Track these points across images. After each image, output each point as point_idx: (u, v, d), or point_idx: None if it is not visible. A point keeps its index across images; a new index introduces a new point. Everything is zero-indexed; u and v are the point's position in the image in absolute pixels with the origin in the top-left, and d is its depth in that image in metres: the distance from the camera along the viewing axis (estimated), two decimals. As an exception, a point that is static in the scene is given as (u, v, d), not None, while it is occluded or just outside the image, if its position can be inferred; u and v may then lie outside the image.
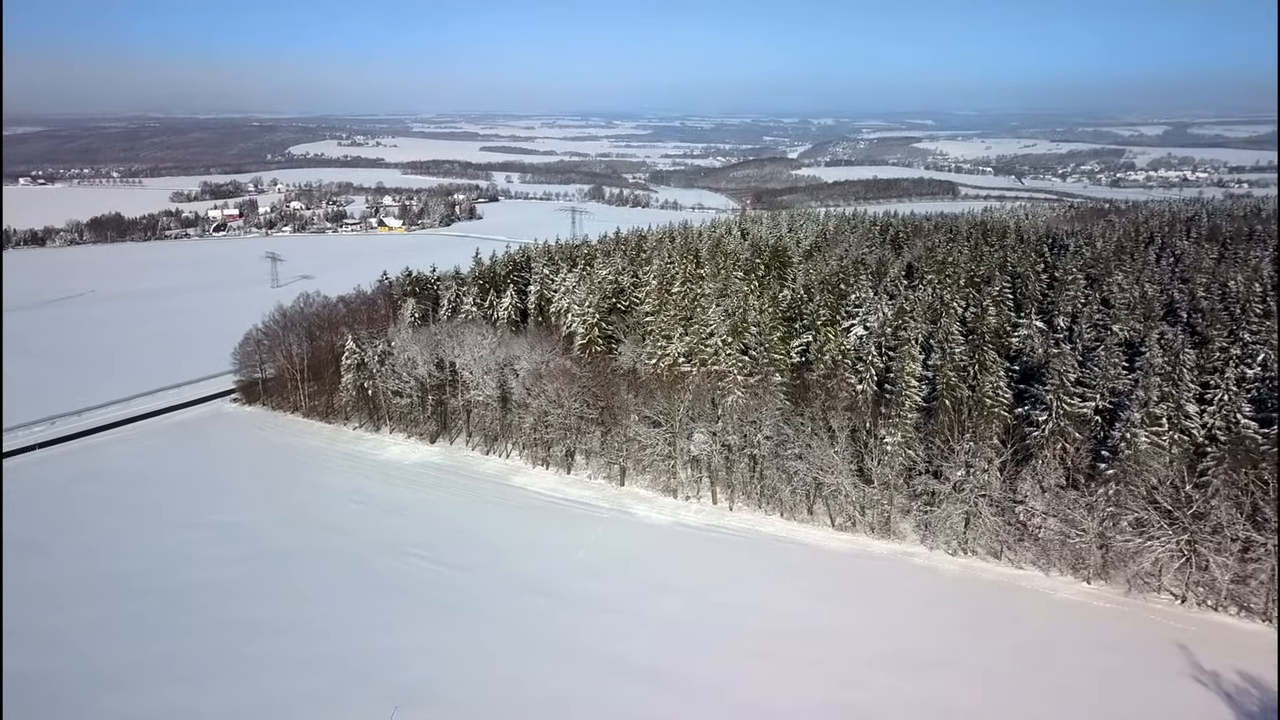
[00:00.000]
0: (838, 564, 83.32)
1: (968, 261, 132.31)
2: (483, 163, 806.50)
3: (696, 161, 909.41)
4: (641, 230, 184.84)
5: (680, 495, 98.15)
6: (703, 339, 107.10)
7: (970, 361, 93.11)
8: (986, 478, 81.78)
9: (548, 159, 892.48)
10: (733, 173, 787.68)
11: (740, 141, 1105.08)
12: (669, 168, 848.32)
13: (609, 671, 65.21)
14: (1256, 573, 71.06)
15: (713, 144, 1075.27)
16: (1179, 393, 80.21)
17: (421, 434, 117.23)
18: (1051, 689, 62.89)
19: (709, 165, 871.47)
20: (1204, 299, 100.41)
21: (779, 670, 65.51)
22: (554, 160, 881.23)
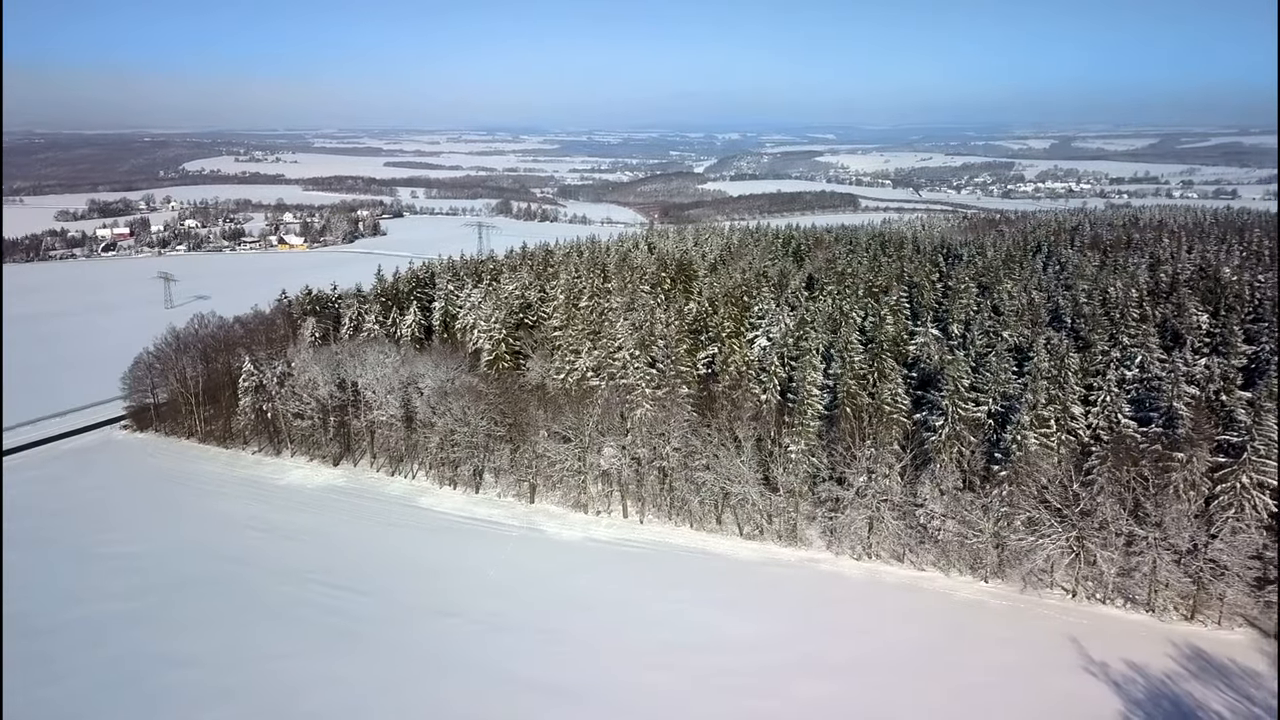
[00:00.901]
0: (747, 572, 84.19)
1: (866, 272, 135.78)
2: (387, 178, 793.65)
3: (604, 176, 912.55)
4: (548, 245, 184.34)
5: (591, 510, 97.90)
6: (611, 353, 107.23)
7: (869, 369, 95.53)
8: (888, 483, 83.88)
9: (454, 174, 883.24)
10: (640, 187, 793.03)
11: (647, 156, 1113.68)
12: (577, 182, 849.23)
13: (516, 692, 64.42)
14: (1140, 565, 74.44)
15: (620, 159, 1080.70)
16: (1065, 395, 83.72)
17: (324, 456, 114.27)
18: (953, 687, 64.68)
19: (617, 180, 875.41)
20: (1086, 305, 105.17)
21: (689, 682, 65.73)
22: (460, 175, 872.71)
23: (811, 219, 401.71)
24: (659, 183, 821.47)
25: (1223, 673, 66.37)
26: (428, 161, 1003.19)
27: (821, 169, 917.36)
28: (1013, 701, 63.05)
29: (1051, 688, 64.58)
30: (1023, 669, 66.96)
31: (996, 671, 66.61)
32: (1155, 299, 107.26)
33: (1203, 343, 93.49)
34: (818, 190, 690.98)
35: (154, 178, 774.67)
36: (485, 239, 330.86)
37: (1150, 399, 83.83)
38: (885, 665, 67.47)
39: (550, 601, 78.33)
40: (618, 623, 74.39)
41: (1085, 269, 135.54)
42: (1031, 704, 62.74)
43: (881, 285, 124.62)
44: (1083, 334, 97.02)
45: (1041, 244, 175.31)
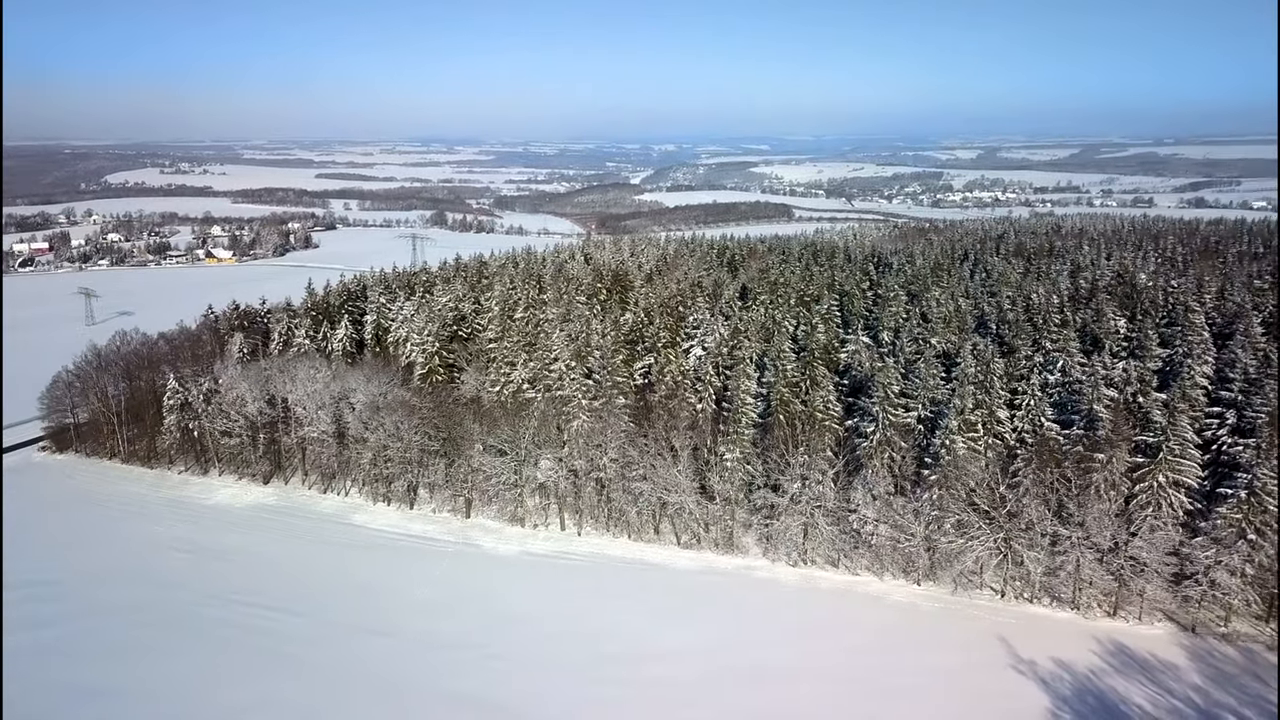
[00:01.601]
0: (684, 582, 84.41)
1: (799, 281, 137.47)
2: (319, 190, 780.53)
3: (541, 187, 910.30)
4: (483, 256, 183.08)
5: (528, 524, 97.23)
6: (546, 364, 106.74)
7: (802, 377, 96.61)
8: (821, 489, 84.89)
9: (388, 185, 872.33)
10: (577, 198, 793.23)
11: (584, 167, 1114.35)
12: (514, 193, 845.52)
13: (452, 710, 63.65)
14: (1064, 564, 76.48)
15: (557, 170, 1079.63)
16: (991, 400, 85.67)
17: (254, 475, 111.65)
18: (887, 689, 65.56)
19: (554, 191, 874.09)
20: (1010, 311, 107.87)
21: (627, 694, 65.62)
22: (395, 187, 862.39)
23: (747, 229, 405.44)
24: (596, 193, 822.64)
25: (1144, 667, 68.43)
26: (361, 173, 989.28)
27: (756, 179, 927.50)
28: (945, 702, 64.16)
29: (983, 687, 65.85)
30: (955, 669, 68.19)
31: (929, 673, 67.72)
32: (1076, 304, 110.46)
33: (1120, 347, 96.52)
34: (753, 200, 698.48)
35: (75, 191, 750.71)
36: (420, 251, 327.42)
37: (1072, 402, 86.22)
38: (821, 670, 68.12)
39: (487, 617, 77.53)
40: (556, 636, 73.88)
41: (1010, 276, 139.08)
42: (963, 704, 63.91)
43: (813, 294, 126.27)
44: (1007, 340, 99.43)
45: (969, 252, 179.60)
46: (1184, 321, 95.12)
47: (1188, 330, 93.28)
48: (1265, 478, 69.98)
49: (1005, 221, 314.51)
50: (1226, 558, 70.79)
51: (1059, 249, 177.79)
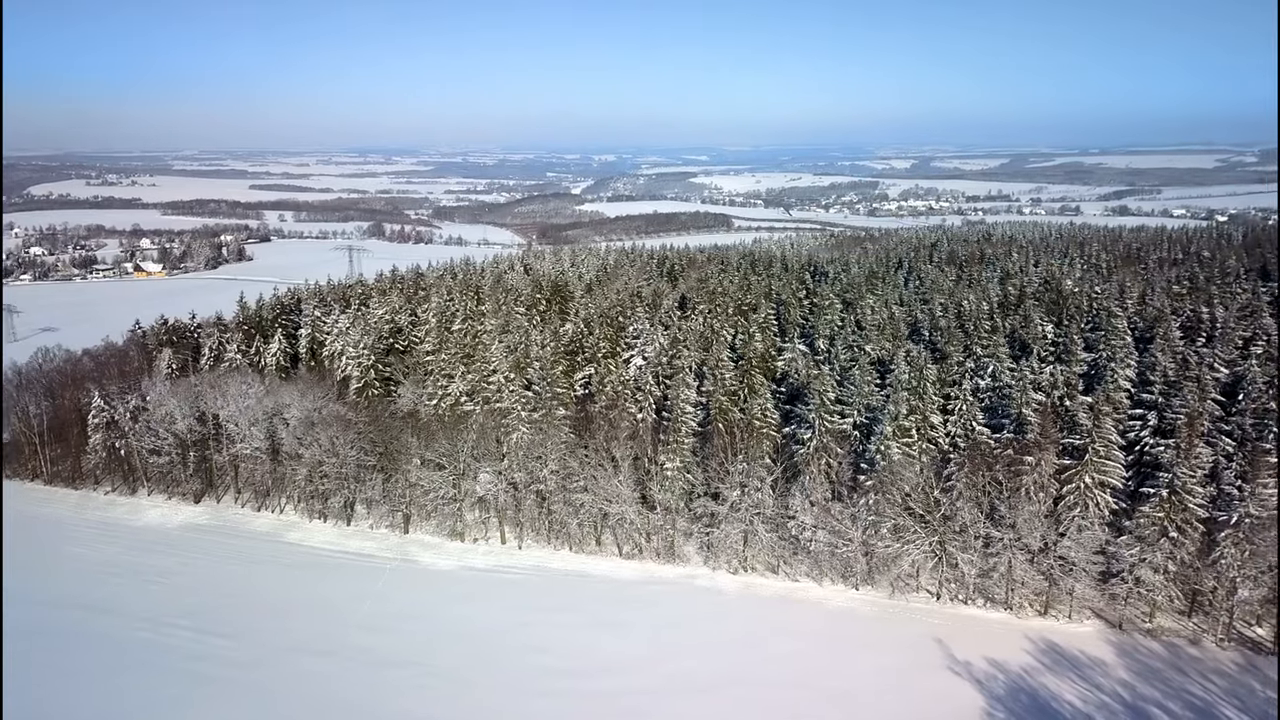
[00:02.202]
0: (626, 592, 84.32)
1: (737, 291, 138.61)
2: (253, 201, 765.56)
3: (481, 197, 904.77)
4: (420, 268, 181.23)
5: (468, 538, 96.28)
6: (485, 376, 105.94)
7: (740, 386, 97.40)
8: (760, 496, 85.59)
9: (324, 196, 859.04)
10: (517, 208, 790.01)
11: (524, 177, 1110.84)
12: (453, 204, 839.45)
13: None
14: (997, 566, 78.12)
15: (496, 180, 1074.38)
16: (924, 405, 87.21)
17: (184, 494, 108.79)
18: (827, 693, 66.20)
19: (494, 201, 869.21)
20: (942, 318, 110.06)
21: (569, 707, 65.29)
22: (331, 198, 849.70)
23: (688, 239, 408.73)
24: (536, 204, 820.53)
25: (1074, 664, 70.16)
26: (296, 184, 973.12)
27: (696, 190, 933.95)
28: (884, 705, 64.97)
29: (920, 688, 66.89)
30: (893, 672, 69.14)
31: (868, 676, 68.56)
32: (1005, 311, 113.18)
33: (1048, 351, 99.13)
34: (693, 211, 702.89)
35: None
36: (357, 262, 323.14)
37: (1002, 406, 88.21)
38: (762, 677, 68.51)
39: (426, 634, 76.48)
40: (497, 651, 73.21)
41: (942, 284, 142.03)
42: (901, 706, 64.80)
43: (751, 303, 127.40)
44: (940, 346, 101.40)
45: (903, 260, 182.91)
46: (1107, 326, 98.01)
47: (1111, 335, 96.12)
48: (1184, 477, 72.31)
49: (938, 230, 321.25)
50: (1150, 555, 72.91)
51: (989, 256, 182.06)
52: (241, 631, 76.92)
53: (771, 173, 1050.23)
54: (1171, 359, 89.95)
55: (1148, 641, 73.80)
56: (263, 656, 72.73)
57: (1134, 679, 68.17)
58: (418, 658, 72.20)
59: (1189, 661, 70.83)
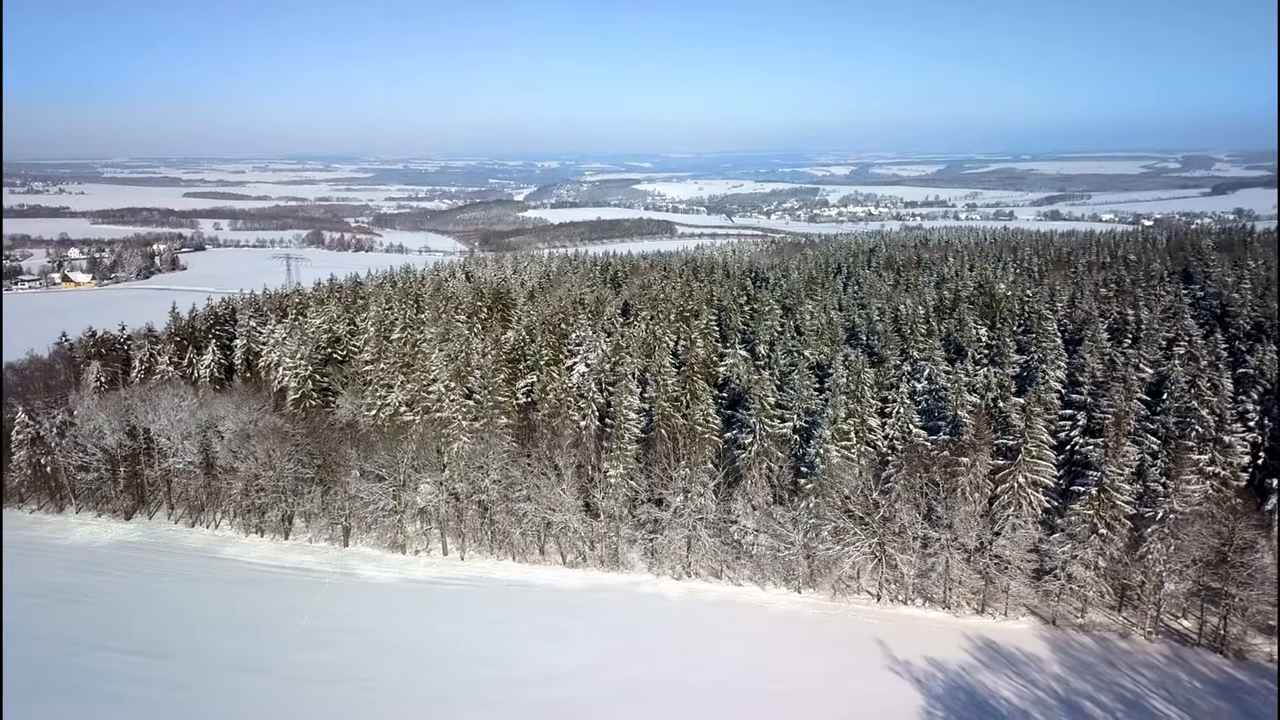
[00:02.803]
0: (570, 601, 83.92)
1: (679, 297, 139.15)
2: (187, 209, 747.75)
3: (422, 204, 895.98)
4: (358, 276, 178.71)
5: (409, 550, 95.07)
6: (425, 386, 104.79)
7: (682, 391, 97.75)
8: (703, 501, 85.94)
9: (261, 204, 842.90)
10: (460, 215, 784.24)
11: (466, 184, 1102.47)
12: (394, 211, 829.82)
13: (331, 747, 61.50)
14: (935, 566, 79.45)
15: (438, 186, 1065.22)
16: (862, 409, 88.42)
17: (114, 511, 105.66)
18: (769, 696, 66.60)
19: (435, 208, 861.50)
20: (879, 322, 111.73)
21: (513, 716, 64.98)
22: (269, 205, 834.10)
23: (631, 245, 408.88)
24: (479, 210, 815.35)
25: (1010, 660, 71.55)
26: (232, 191, 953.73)
27: (640, 196, 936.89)
28: (825, 706, 65.51)
29: (861, 689, 67.55)
30: (834, 673, 69.72)
31: (810, 678, 69.05)
32: (941, 315, 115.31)
33: (982, 354, 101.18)
34: (636, 217, 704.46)
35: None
36: (295, 271, 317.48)
37: (938, 409, 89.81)
38: (705, 682, 68.66)
39: (367, 648, 75.25)
40: (440, 662, 72.33)
41: (880, 288, 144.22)
42: (842, 707, 65.36)
43: (693, 309, 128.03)
44: (877, 350, 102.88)
45: (841, 265, 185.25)
46: (1038, 329, 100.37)
47: (1042, 337, 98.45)
48: (1113, 475, 74.31)
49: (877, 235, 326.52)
50: (1081, 552, 74.84)
51: (926, 261, 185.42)
52: (173, 651, 74.88)
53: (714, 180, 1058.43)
54: (1099, 360, 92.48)
55: (1080, 636, 75.60)
56: (195, 676, 70.91)
57: (1067, 673, 69.76)
58: (358, 672, 71.05)
59: (1119, 655, 72.71)
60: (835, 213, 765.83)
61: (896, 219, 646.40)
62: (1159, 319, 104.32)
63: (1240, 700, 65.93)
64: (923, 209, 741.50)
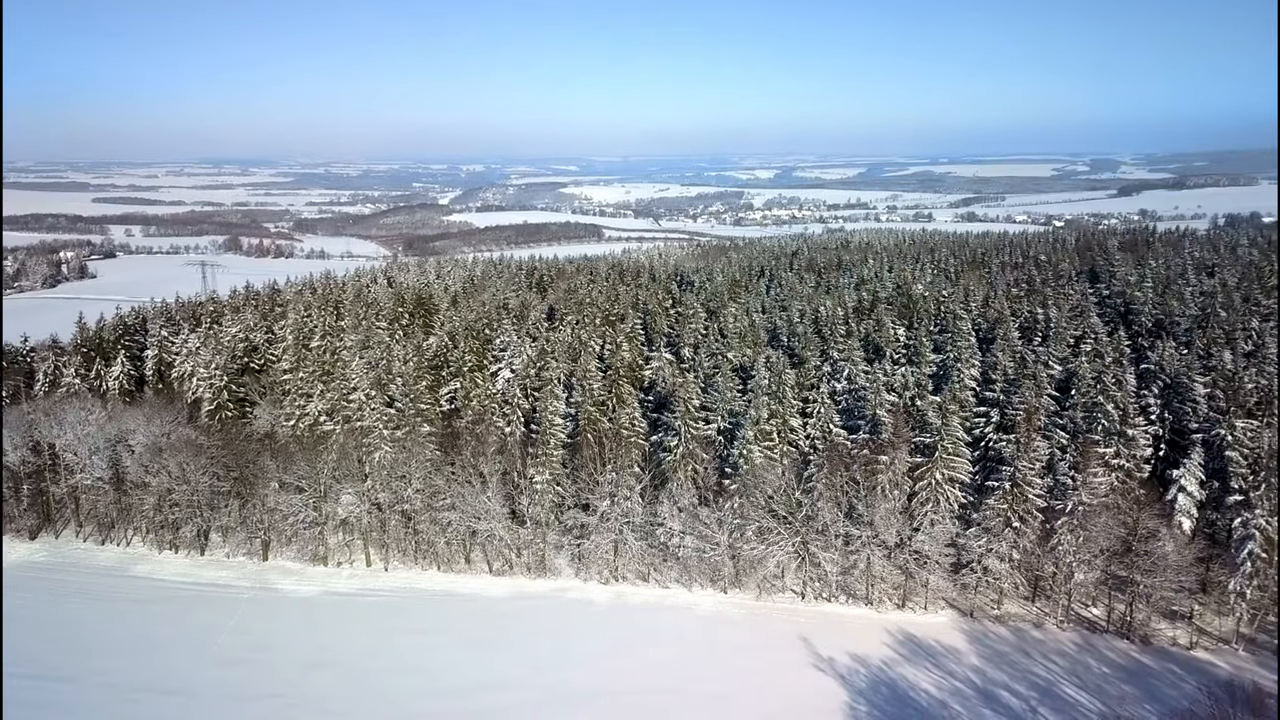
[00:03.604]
0: (497, 609, 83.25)
1: (605, 301, 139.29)
2: (97, 215, 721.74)
3: (344, 209, 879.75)
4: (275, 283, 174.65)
5: (331, 562, 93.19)
6: (345, 395, 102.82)
7: (608, 396, 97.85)
8: (629, 504, 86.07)
9: (176, 209, 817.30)
10: (383, 220, 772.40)
11: (390, 188, 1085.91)
12: (315, 216, 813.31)
13: (249, 767, 59.86)
14: (857, 563, 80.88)
15: (361, 191, 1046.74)
16: (784, 409, 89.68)
17: (18, 530, 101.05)
18: (696, 697, 66.91)
19: (358, 213, 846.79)
20: (800, 324, 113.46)
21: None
22: (184, 211, 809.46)
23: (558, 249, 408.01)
24: (402, 214, 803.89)
25: (930, 653, 73.24)
26: (145, 197, 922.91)
27: (566, 200, 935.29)
28: (750, 706, 66.15)
29: (786, 687, 68.34)
30: (760, 673, 70.41)
31: (736, 679, 69.61)
32: (860, 316, 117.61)
33: (899, 354, 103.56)
34: (563, 221, 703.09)
35: None
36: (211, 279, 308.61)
37: (857, 408, 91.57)
38: (632, 686, 68.69)
39: (288, 663, 73.45)
40: (365, 675, 71.02)
41: (802, 290, 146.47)
42: (768, 706, 66.09)
43: (619, 313, 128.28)
44: (798, 351, 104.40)
45: (765, 269, 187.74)
46: (954, 329, 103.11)
47: (957, 337, 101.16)
48: (1024, 469, 76.71)
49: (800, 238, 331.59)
50: (996, 545, 77.04)
51: (847, 263, 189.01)
52: (83, 674, 72.01)
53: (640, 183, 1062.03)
54: (1011, 358, 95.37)
55: (996, 627, 77.79)
56: (108, 699, 68.33)
57: (984, 664, 71.72)
58: (279, 689, 69.34)
59: (1033, 644, 75.03)
60: (760, 216, 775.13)
61: (820, 221, 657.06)
62: (1067, 318, 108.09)
63: (1146, 684, 68.60)
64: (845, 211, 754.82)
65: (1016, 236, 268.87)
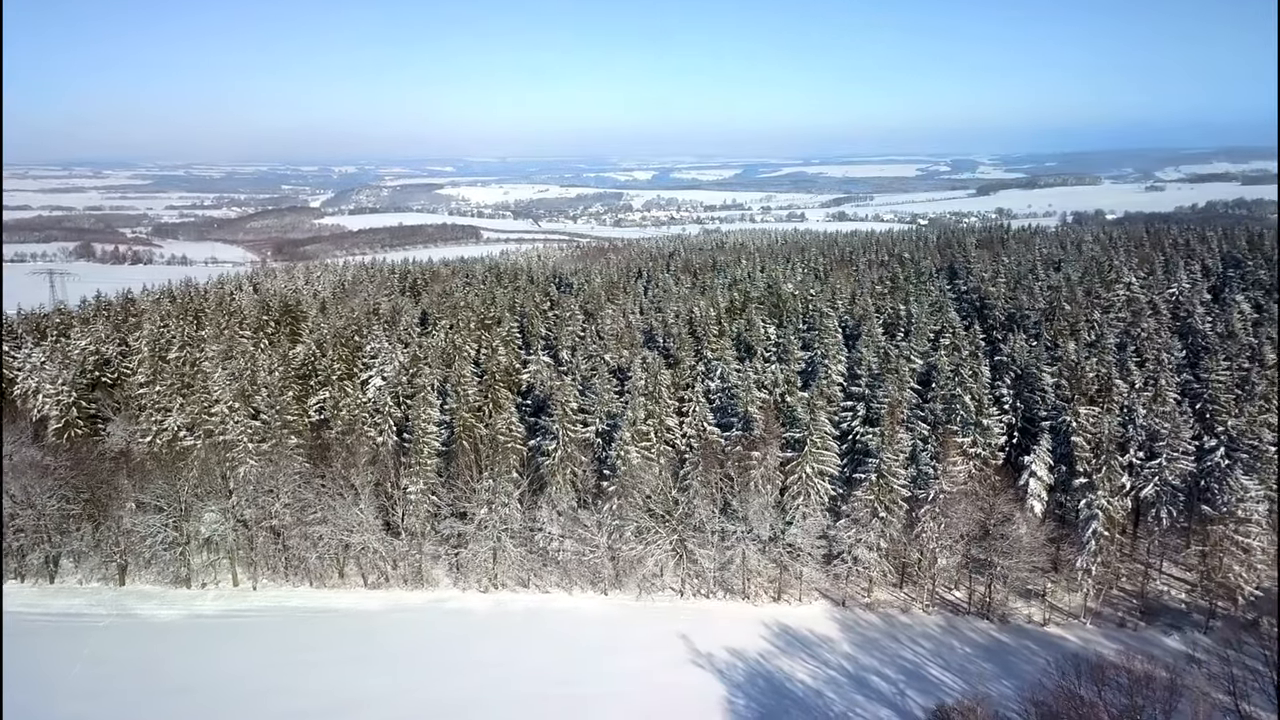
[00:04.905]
0: (372, 624, 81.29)
1: (480, 304, 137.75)
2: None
3: (208, 213, 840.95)
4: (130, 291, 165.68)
5: (195, 583, 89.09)
6: (206, 408, 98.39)
7: (484, 401, 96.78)
8: (508, 511, 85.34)
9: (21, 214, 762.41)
10: (250, 224, 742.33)
11: (257, 191, 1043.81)
12: (176, 220, 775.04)
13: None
14: (733, 558, 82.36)
15: (226, 194, 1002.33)
16: (660, 409, 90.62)
17: None
18: (577, 700, 66.79)
19: (223, 216, 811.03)
20: (674, 325, 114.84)
21: (310, 752, 62.03)
22: (30, 216, 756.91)
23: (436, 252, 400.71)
24: (271, 218, 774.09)
25: (805, 643, 75.24)
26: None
27: (443, 201, 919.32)
28: (629, 706, 66.38)
29: (666, 685, 68.91)
30: (640, 673, 70.80)
31: (617, 679, 69.76)
32: (732, 315, 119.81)
33: (770, 352, 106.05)
34: (440, 223, 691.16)
35: None
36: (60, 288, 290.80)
37: (731, 406, 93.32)
38: (508, 696, 68.00)
39: (149, 691, 69.93)
40: (235, 699, 68.18)
41: (678, 291, 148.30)
42: (648, 705, 66.45)
43: (495, 317, 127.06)
44: (673, 352, 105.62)
45: (642, 270, 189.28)
46: (820, 326, 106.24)
47: (824, 334, 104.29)
48: (889, 461, 79.67)
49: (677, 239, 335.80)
50: (864, 535, 79.72)
51: (721, 264, 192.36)
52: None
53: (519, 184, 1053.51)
54: (875, 353, 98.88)
55: (867, 614, 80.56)
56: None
57: (856, 651, 74.14)
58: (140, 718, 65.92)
59: (901, 628, 78.05)
60: (639, 217, 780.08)
61: (697, 222, 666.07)
62: (928, 313, 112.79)
63: (1004, 660, 72.33)
64: (721, 212, 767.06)
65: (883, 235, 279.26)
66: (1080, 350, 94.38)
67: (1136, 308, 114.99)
